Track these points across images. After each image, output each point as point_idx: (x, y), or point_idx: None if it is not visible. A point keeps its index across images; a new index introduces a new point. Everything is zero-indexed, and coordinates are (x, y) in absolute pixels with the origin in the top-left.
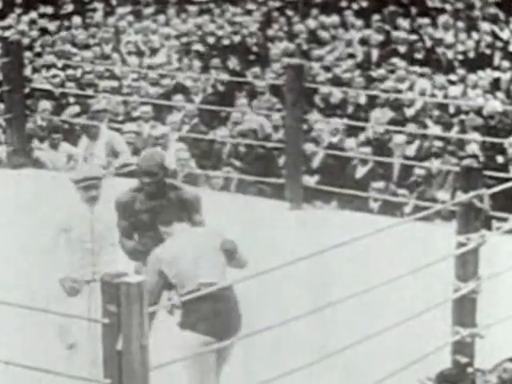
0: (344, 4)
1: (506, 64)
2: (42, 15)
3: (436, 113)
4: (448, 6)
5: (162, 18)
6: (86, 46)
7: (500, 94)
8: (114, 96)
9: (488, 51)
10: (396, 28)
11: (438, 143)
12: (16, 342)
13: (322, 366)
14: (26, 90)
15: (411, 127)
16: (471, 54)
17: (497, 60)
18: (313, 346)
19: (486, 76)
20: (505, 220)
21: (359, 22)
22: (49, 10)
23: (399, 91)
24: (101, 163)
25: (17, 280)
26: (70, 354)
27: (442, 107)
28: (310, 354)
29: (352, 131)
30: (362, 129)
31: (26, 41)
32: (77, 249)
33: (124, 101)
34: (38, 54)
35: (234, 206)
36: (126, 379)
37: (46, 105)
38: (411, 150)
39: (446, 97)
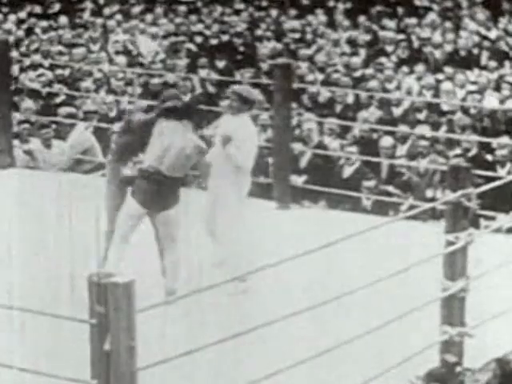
0: (331, 4)
1: (492, 64)
2: (29, 14)
3: (424, 112)
4: (435, 6)
5: (149, 17)
6: (74, 46)
7: (489, 94)
8: (101, 96)
9: (475, 51)
10: (383, 28)
11: (426, 143)
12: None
13: (311, 364)
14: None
15: (400, 127)
16: (458, 54)
17: (484, 59)
18: (302, 346)
19: (474, 75)
20: (493, 219)
21: (346, 22)
22: (36, 9)
23: (387, 91)
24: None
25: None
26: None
27: (431, 107)
28: (298, 354)
29: (340, 131)
30: (348, 128)
31: (12, 40)
32: None
33: (113, 100)
34: (25, 54)
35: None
36: (113, 380)
37: (29, 104)
38: (400, 150)
39: (435, 96)
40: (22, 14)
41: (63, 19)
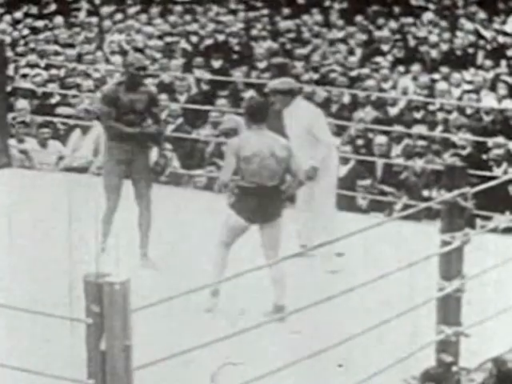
0: (327, 3)
1: (488, 63)
2: (25, 15)
3: (420, 112)
4: (431, 6)
5: (145, 17)
6: (70, 46)
7: (486, 93)
8: (98, 95)
9: (471, 50)
10: (379, 27)
11: (422, 142)
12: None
13: (306, 364)
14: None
15: (395, 127)
16: (454, 53)
17: (480, 59)
18: (298, 346)
19: (470, 75)
20: (489, 219)
21: (342, 22)
22: (32, 9)
23: (383, 90)
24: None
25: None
26: None
27: (427, 106)
28: (292, 354)
29: (336, 130)
30: (344, 127)
31: (8, 40)
32: None
33: None
34: (21, 54)
35: (217, 206)
36: (109, 379)
37: (23, 104)
38: (396, 150)
39: (430, 96)
40: (18, 15)
41: (59, 19)
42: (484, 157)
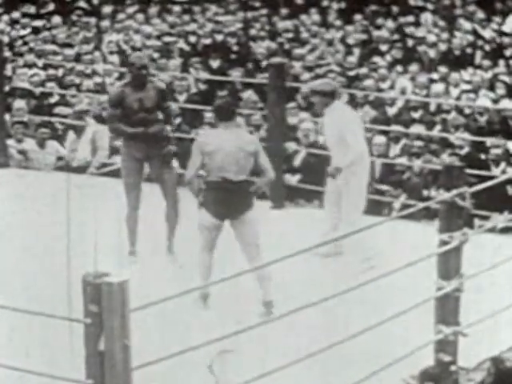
0: (325, 3)
1: (486, 63)
2: (23, 14)
3: (418, 112)
4: (430, 5)
5: (143, 17)
6: (68, 45)
7: (484, 93)
8: (97, 95)
9: (469, 50)
10: (378, 27)
11: (420, 142)
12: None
13: (304, 364)
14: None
15: (394, 127)
16: (453, 53)
17: (478, 58)
18: (294, 345)
19: (468, 74)
20: (487, 218)
21: (340, 22)
22: (31, 9)
23: (381, 90)
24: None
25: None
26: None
27: (425, 106)
28: (291, 353)
29: None
30: None
31: (6, 40)
32: None
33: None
34: (19, 54)
35: None
36: (108, 379)
37: (20, 104)
38: (394, 150)
39: (428, 96)
40: (16, 14)
41: (57, 19)
42: (482, 156)
